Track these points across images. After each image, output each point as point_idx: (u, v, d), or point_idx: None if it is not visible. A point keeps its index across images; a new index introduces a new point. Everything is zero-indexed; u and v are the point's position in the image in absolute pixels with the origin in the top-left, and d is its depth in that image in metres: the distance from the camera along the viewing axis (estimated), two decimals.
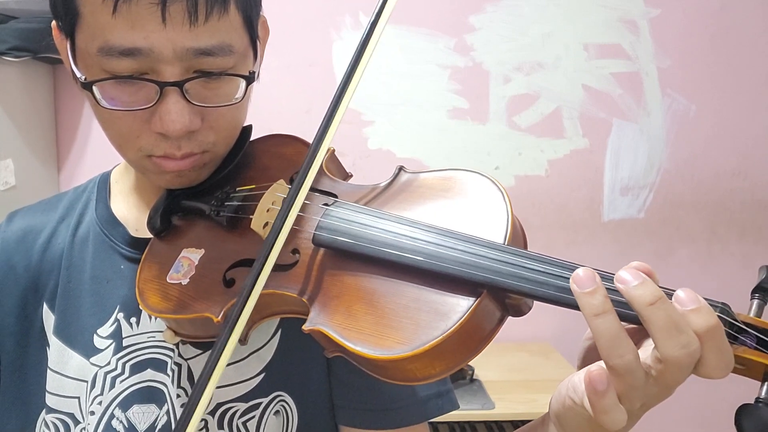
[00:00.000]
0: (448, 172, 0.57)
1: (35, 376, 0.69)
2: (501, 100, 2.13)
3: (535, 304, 0.50)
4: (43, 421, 0.68)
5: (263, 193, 0.62)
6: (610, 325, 0.41)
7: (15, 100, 1.85)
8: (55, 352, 0.69)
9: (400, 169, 0.61)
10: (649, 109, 2.16)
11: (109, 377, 0.67)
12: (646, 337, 0.45)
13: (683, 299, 0.42)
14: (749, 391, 0.43)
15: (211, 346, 0.67)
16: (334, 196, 0.61)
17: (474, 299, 0.47)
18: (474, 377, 1.86)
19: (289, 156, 0.69)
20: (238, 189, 0.67)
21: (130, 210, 0.74)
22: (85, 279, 0.71)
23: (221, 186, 0.68)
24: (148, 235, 0.68)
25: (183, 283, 0.63)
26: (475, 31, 2.10)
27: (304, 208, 0.58)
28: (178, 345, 0.68)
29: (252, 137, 0.72)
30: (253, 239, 0.61)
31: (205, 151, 0.64)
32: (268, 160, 0.70)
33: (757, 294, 0.46)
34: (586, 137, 2.16)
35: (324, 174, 0.64)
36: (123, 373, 0.67)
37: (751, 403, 0.41)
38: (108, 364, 0.68)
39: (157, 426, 0.66)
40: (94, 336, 0.69)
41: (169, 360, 0.68)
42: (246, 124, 0.70)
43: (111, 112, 0.60)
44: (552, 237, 2.19)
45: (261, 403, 0.67)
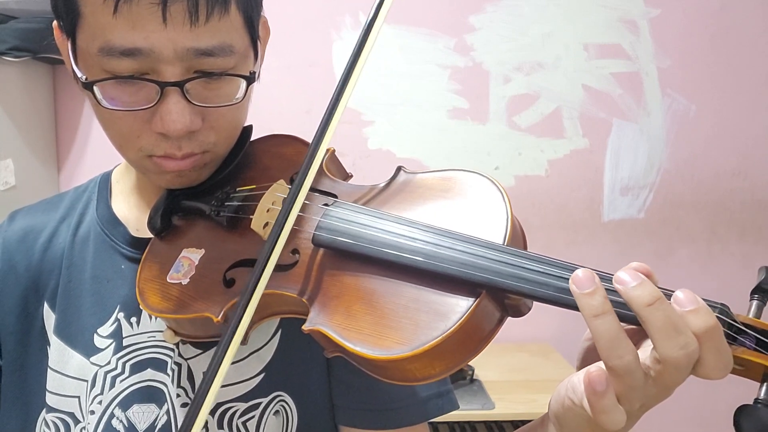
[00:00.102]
0: (448, 173, 0.57)
1: (36, 376, 0.70)
2: (501, 100, 2.13)
3: (535, 304, 0.50)
4: (44, 421, 0.68)
5: (263, 194, 0.62)
6: (609, 326, 0.41)
7: (15, 100, 1.85)
8: (56, 352, 0.69)
9: (399, 169, 0.61)
10: (649, 109, 2.16)
11: (109, 377, 0.67)
12: (645, 338, 0.45)
13: (682, 300, 0.42)
14: (748, 391, 0.43)
15: (211, 346, 0.68)
16: (334, 197, 0.61)
17: (473, 300, 0.47)
18: (474, 377, 1.86)
19: (289, 156, 0.69)
20: (238, 189, 0.67)
21: (131, 210, 0.74)
22: (86, 278, 0.71)
23: (221, 186, 0.68)
24: (149, 234, 0.68)
25: (183, 283, 0.63)
26: (475, 31, 2.10)
27: (304, 209, 0.58)
28: (178, 345, 0.68)
29: (252, 137, 0.72)
30: (253, 239, 0.61)
31: (205, 151, 0.64)
32: (268, 161, 0.70)
33: (756, 295, 0.46)
34: (586, 137, 2.16)
35: (324, 174, 0.64)
36: (123, 372, 0.67)
37: (749, 403, 0.41)
38: (108, 363, 0.68)
39: (157, 425, 0.66)
40: (95, 335, 0.69)
41: (169, 360, 0.68)
42: (246, 124, 0.70)
43: (111, 112, 0.60)
44: (552, 237, 2.19)
45: (261, 403, 0.67)
